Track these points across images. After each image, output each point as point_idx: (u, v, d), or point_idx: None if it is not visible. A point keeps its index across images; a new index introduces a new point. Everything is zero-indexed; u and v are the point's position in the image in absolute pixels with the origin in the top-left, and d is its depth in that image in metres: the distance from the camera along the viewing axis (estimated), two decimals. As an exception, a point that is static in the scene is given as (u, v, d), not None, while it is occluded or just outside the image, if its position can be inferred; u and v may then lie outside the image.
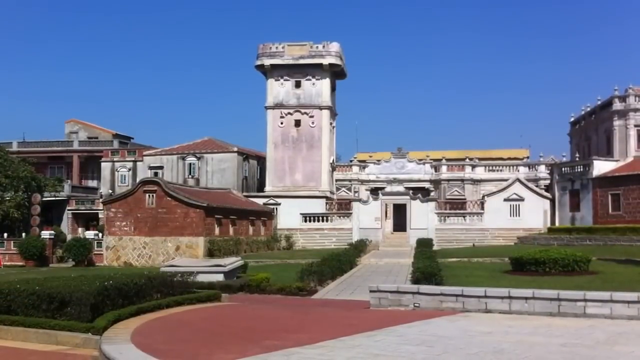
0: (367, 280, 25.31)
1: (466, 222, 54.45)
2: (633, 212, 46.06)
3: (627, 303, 14.02)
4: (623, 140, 59.49)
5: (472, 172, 65.73)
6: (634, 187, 46.26)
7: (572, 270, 25.44)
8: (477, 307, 15.28)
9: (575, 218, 51.42)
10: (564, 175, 53.74)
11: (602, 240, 41.36)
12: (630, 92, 60.71)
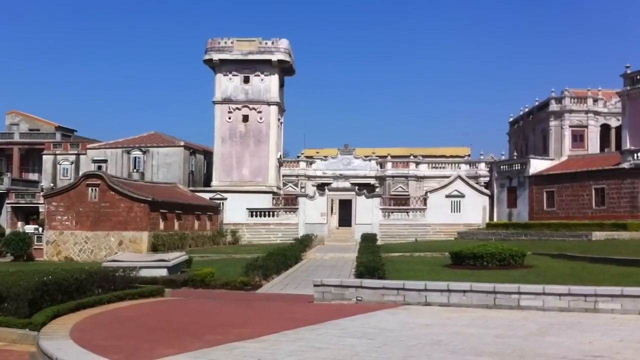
0: (311, 274, 25.69)
1: (409, 217, 55.40)
2: (566, 208, 47.65)
3: (558, 296, 14.67)
4: (558, 140, 61.45)
5: (416, 169, 66.75)
6: (568, 185, 47.85)
7: (509, 264, 26.32)
8: (417, 300, 15.80)
9: (513, 214, 52.88)
10: (503, 173, 55.16)
11: (537, 235, 42.67)
12: (566, 94, 62.69)
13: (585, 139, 61.81)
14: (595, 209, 45.40)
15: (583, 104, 62.78)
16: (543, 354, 9.77)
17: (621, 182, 43.82)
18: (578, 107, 62.54)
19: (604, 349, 10.04)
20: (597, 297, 14.26)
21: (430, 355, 9.69)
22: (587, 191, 46.25)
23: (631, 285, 16.96)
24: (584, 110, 62.44)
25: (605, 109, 62.74)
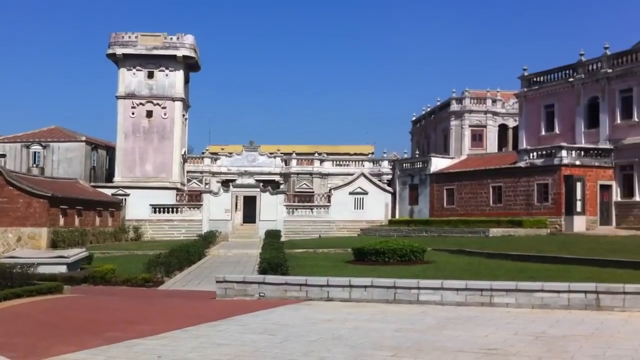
0: (215, 270, 25.46)
1: (313, 214, 55.74)
2: (465, 206, 49.09)
3: (456, 290, 15.06)
4: (459, 139, 63.34)
5: (320, 167, 67.30)
6: (467, 182, 49.30)
7: (409, 260, 26.83)
8: (319, 296, 15.90)
9: (414, 211, 54.05)
10: (405, 170, 56.28)
11: (437, 231, 43.74)
12: (466, 95, 64.66)
13: (484, 138, 63.94)
14: (492, 207, 46.96)
15: (482, 104, 64.90)
16: (440, 347, 10.00)
17: (517, 181, 45.49)
18: (477, 108, 64.62)
19: (499, 342, 10.36)
20: (492, 292, 14.71)
21: (330, 350, 9.76)
22: (485, 189, 47.80)
23: (525, 280, 17.60)
24: (483, 110, 64.57)
25: (504, 110, 65.09)
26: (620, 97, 44.28)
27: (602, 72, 45.36)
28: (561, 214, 42.28)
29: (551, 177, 43.24)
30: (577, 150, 44.15)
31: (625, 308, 13.53)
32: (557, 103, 49.01)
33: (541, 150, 45.27)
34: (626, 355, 9.26)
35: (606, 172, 43.89)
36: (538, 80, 51.17)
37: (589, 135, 46.12)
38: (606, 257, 25.60)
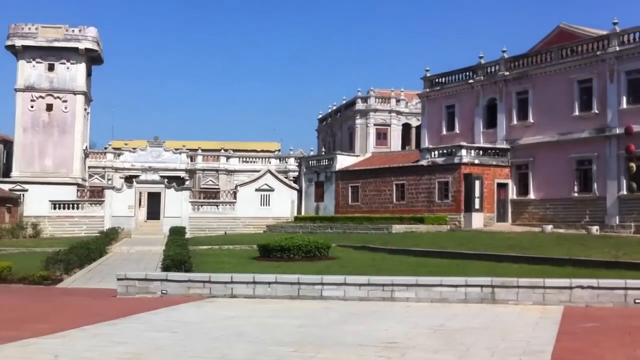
0: (116, 268, 24.89)
1: (219, 210, 55.37)
2: (369, 203, 49.90)
3: (358, 286, 15.32)
4: (364, 138, 64.34)
5: (226, 163, 66.90)
6: (371, 180, 50.11)
7: (314, 256, 27.06)
8: (223, 293, 15.84)
9: (320, 208, 54.51)
10: (311, 168, 56.68)
11: (342, 228, 44.25)
12: (371, 94, 65.73)
13: (388, 136, 65.16)
14: (396, 204, 47.89)
15: (387, 103, 66.13)
16: (342, 341, 10.16)
17: (420, 179, 46.58)
18: (382, 107, 65.79)
19: (399, 336, 10.62)
20: (394, 287, 15.05)
21: (233, 346, 9.76)
22: (388, 186, 48.71)
23: (425, 274, 18.06)
24: (387, 109, 65.80)
25: (407, 109, 66.51)
26: (517, 99, 46.04)
27: (499, 75, 47.04)
28: (460, 210, 43.60)
29: (451, 175, 44.53)
30: (476, 150, 45.62)
31: (519, 301, 14.12)
32: (457, 103, 50.49)
33: (442, 149, 46.53)
34: (518, 346, 9.66)
35: (503, 170, 45.56)
36: (440, 81, 52.56)
37: (487, 135, 47.74)
38: (502, 252, 26.64)
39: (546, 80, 44.10)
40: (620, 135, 39.22)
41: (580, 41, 43.68)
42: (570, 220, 41.31)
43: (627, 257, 23.67)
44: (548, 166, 43.16)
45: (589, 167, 41.52)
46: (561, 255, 24.57)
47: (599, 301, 13.75)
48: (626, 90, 39.79)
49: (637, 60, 39.20)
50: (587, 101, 41.89)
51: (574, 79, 42.34)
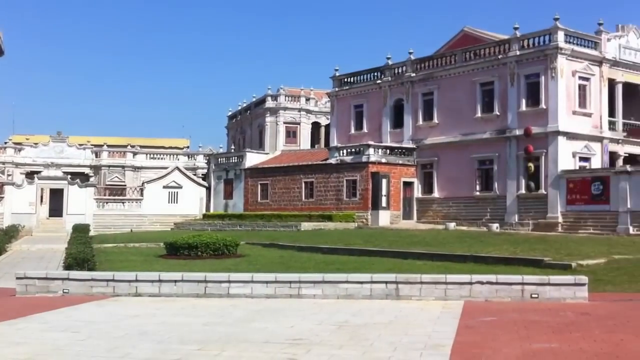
0: (15, 266, 24.00)
1: (125, 208, 54.18)
2: (279, 200, 50.00)
3: (266, 283, 15.30)
4: (274, 135, 64.45)
5: (133, 159, 65.63)
6: (281, 178, 50.21)
7: (223, 254, 26.91)
8: (127, 291, 15.53)
9: (229, 205, 54.20)
10: (220, 165, 56.28)
11: (251, 225, 44.14)
12: (281, 92, 65.91)
13: (298, 135, 65.50)
14: (305, 201, 48.16)
15: (297, 102, 66.45)
16: (248, 339, 10.15)
17: (328, 177, 47.01)
18: (292, 105, 66.08)
19: (304, 332, 10.68)
20: (301, 284, 15.12)
21: (136, 345, 9.60)
22: (298, 184, 48.93)
23: (332, 271, 18.30)
24: (297, 108, 66.16)
25: (317, 108, 67.05)
26: (423, 99, 47.15)
27: (406, 76, 48.03)
28: (368, 208, 44.28)
29: (359, 174, 45.15)
30: (383, 149, 46.43)
31: (422, 297, 14.46)
32: (365, 103, 51.23)
33: (350, 148, 47.13)
34: (420, 341, 9.89)
35: (409, 169, 46.56)
36: (348, 81, 53.19)
37: (394, 135, 48.66)
38: (407, 249, 27.21)
39: (450, 82, 45.36)
40: (519, 136, 40.81)
41: (483, 45, 45.16)
42: (472, 218, 42.65)
43: (524, 253, 24.61)
44: (451, 166, 44.40)
45: (490, 167, 42.97)
46: (463, 252, 25.33)
47: (498, 296, 14.23)
48: (525, 93, 41.40)
49: (536, 65, 40.85)
50: (489, 103, 43.35)
51: (476, 82, 43.72)
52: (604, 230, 36.10)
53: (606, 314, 12.31)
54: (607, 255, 23.30)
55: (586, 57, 41.09)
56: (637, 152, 43.77)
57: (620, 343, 9.69)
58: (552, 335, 10.32)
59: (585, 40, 41.48)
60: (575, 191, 38.64)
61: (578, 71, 40.68)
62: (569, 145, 40.00)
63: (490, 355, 8.99)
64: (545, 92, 40.20)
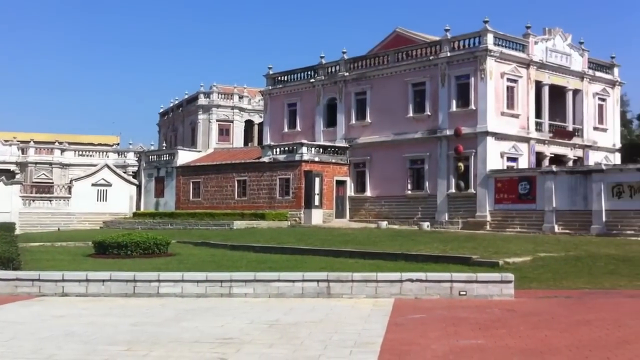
0: None
1: (52, 206, 52.74)
2: (211, 199, 49.60)
3: (196, 282, 15.16)
4: (206, 133, 63.95)
5: (61, 156, 64.14)
6: (213, 176, 49.83)
7: (153, 253, 26.48)
8: (54, 291, 15.14)
9: (160, 203, 53.46)
10: (151, 163, 55.46)
11: (182, 224, 43.63)
12: (214, 90, 65.45)
13: (231, 133, 65.16)
14: (237, 200, 47.90)
15: (230, 99, 66.10)
16: (177, 339, 10.05)
17: (261, 175, 46.87)
18: (225, 103, 65.71)
19: (235, 331, 10.65)
20: (232, 283, 15.04)
21: (61, 346, 9.38)
22: (230, 182, 48.62)
23: (265, 270, 18.22)
24: (230, 105, 65.81)
25: (250, 106, 66.83)
26: (356, 99, 47.50)
27: (340, 75, 48.30)
28: (301, 207, 44.35)
29: (292, 172, 45.17)
30: (317, 148, 46.58)
31: (353, 295, 14.56)
32: (299, 102, 51.30)
33: (284, 147, 47.11)
34: (350, 338, 9.98)
35: (342, 168, 46.85)
36: (282, 79, 53.16)
37: (327, 134, 48.87)
38: (339, 247, 27.33)
39: (383, 82, 45.83)
40: (450, 136, 41.55)
41: (415, 46, 45.81)
42: (404, 216, 43.21)
43: (453, 251, 25.06)
44: (384, 165, 44.88)
45: (421, 167, 43.61)
46: (394, 250, 25.58)
47: (427, 293, 14.46)
48: (456, 94, 42.18)
49: (466, 66, 41.67)
50: (421, 103, 43.99)
51: (408, 82, 44.31)
52: (531, 229, 37.10)
53: (531, 311, 12.65)
54: (533, 253, 23.91)
55: (514, 60, 42.13)
56: (562, 152, 45.13)
57: (545, 339, 9.97)
58: (479, 331, 10.54)
59: (513, 43, 42.52)
60: (503, 190, 39.58)
61: (506, 73, 41.69)
62: (497, 145, 40.94)
63: (419, 352, 9.13)
64: (474, 93, 41.03)
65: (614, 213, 34.87)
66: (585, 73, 46.60)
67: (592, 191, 35.77)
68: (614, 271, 20.02)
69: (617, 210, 34.82)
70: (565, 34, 45.65)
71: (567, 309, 12.89)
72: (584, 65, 46.59)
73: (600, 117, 48.14)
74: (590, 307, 13.10)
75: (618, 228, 34.33)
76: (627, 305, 13.44)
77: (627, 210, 34.50)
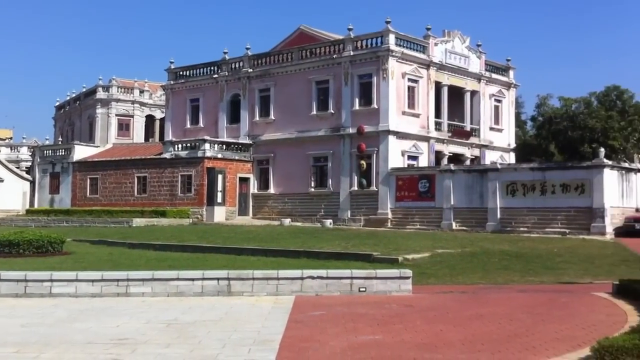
0: None
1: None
2: (109, 195, 48.28)
3: (91, 281, 14.70)
4: (105, 128, 62.26)
5: (-54, 150, 60.85)
6: (112, 172, 48.53)
7: (47, 251, 25.50)
8: (-63, 293, 14.35)
9: (55, 200, 51.65)
10: (46, 158, 53.48)
11: (79, 222, 42.31)
12: (114, 83, 63.80)
13: (131, 128, 63.65)
14: (137, 197, 46.82)
15: (130, 94, 64.56)
16: (69, 340, 9.72)
17: (162, 172, 45.98)
18: (125, 97, 64.13)
19: (131, 331, 10.40)
20: (129, 282, 14.67)
21: (-58, 351, 8.86)
22: (130, 179, 47.47)
23: (165, 269, 17.90)
24: (130, 100, 64.30)
25: (151, 101, 65.49)
26: (259, 96, 47.30)
27: (243, 71, 47.96)
28: (203, 204, 43.80)
29: (195, 169, 44.55)
30: (220, 144, 46.10)
31: (254, 293, 14.47)
32: (202, 98, 50.63)
33: (186, 143, 46.40)
34: (249, 337, 9.90)
35: (245, 165, 46.58)
36: (184, 74, 52.34)
37: (231, 130, 48.45)
38: (242, 245, 27.18)
39: (287, 80, 45.84)
40: (353, 134, 42.02)
41: (319, 44, 46.05)
42: (307, 214, 43.39)
43: (355, 248, 25.35)
44: (287, 162, 44.91)
45: (324, 164, 43.90)
46: (297, 248, 25.64)
47: (328, 290, 14.54)
48: (359, 93, 42.67)
49: (369, 66, 42.21)
50: (324, 101, 44.27)
51: (312, 80, 44.50)
52: (430, 226, 38.00)
53: (428, 306, 12.91)
54: (431, 250, 24.49)
55: (415, 60, 43.01)
56: (460, 151, 46.43)
57: (440, 333, 10.19)
58: (377, 327, 10.67)
59: (414, 44, 43.40)
60: (404, 188, 40.35)
61: (407, 73, 42.50)
62: (398, 144, 41.69)
63: (318, 349, 9.15)
64: (377, 93, 41.62)
65: (508, 211, 36.15)
66: (483, 75, 48.13)
67: (487, 189, 36.96)
68: (507, 267, 20.78)
69: (511, 208, 36.11)
70: (463, 37, 47.00)
71: (462, 304, 13.23)
72: (481, 67, 48.10)
73: (496, 118, 49.85)
74: (484, 302, 13.48)
75: (512, 225, 35.63)
76: (518, 300, 13.92)
77: (521, 208, 35.82)
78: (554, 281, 17.65)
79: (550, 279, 18.04)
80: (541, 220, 34.97)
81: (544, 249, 25.65)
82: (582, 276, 18.65)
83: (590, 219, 33.45)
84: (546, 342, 9.48)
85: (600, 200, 33.39)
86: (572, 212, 34.24)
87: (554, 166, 38.80)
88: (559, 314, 11.76)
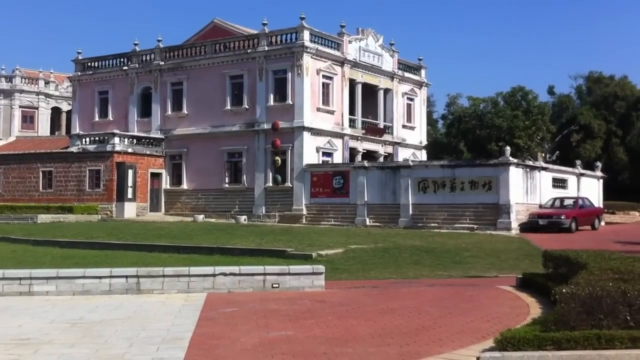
0: None
1: None
2: (13, 191, 46.47)
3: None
4: (7, 120, 60.10)
5: None
6: (15, 166, 46.74)
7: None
8: None
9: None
10: (-54, 150, 51.06)
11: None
12: (17, 73, 61.58)
13: (35, 120, 61.55)
14: (42, 192, 45.27)
15: (34, 85, 62.47)
16: (-35, 342, 9.23)
17: (69, 166, 44.60)
18: (29, 88, 62.04)
19: (33, 331, 10.03)
20: (32, 280, 14.11)
21: None
22: (35, 174, 45.83)
23: (71, 266, 17.39)
24: (35, 91, 62.25)
25: (57, 92, 63.53)
26: (172, 89, 46.52)
27: (155, 64, 47.03)
28: (113, 200, 42.75)
29: (103, 164, 43.39)
30: (130, 138, 45.09)
31: (164, 290, 14.18)
32: (111, 90, 49.38)
33: (94, 136, 45.16)
34: (158, 335, 9.69)
35: (157, 160, 45.73)
36: (93, 65, 50.92)
37: (142, 124, 47.46)
38: (153, 242, 26.74)
39: (200, 73, 45.27)
40: (267, 130, 41.94)
41: (233, 38, 45.68)
42: (221, 210, 43.02)
43: (269, 244, 25.32)
44: (201, 157, 44.38)
45: (239, 160, 43.61)
46: (210, 244, 25.44)
47: (241, 287, 14.39)
48: (273, 89, 42.56)
49: (283, 61, 42.16)
50: (239, 96, 43.94)
51: (226, 74, 44.10)
52: (344, 222, 38.32)
53: (340, 301, 12.96)
54: (344, 246, 24.70)
55: (330, 57, 43.24)
56: (374, 148, 47.02)
57: (351, 327, 10.24)
58: (289, 323, 10.63)
59: (329, 41, 43.63)
60: (319, 184, 40.54)
61: (322, 70, 42.67)
62: (313, 140, 41.84)
63: (228, 345, 9.04)
64: (291, 89, 41.62)
65: (420, 207, 36.86)
66: (395, 73, 48.86)
67: (400, 186, 37.56)
68: (418, 261, 21.17)
69: (422, 204, 36.83)
70: (377, 35, 47.57)
71: (373, 299, 13.35)
72: (394, 66, 48.83)
73: (409, 116, 50.74)
74: (395, 296, 13.65)
75: (423, 221, 36.35)
76: (428, 294, 14.17)
77: (432, 204, 36.59)
78: (461, 275, 18.08)
79: (458, 273, 18.47)
80: (451, 216, 35.82)
81: (453, 244, 26.28)
82: (488, 270, 19.18)
83: (496, 215, 34.51)
84: (452, 334, 9.67)
85: (506, 196, 34.47)
86: (480, 208, 35.22)
87: (463, 164, 39.86)
88: (466, 307, 12.02)
